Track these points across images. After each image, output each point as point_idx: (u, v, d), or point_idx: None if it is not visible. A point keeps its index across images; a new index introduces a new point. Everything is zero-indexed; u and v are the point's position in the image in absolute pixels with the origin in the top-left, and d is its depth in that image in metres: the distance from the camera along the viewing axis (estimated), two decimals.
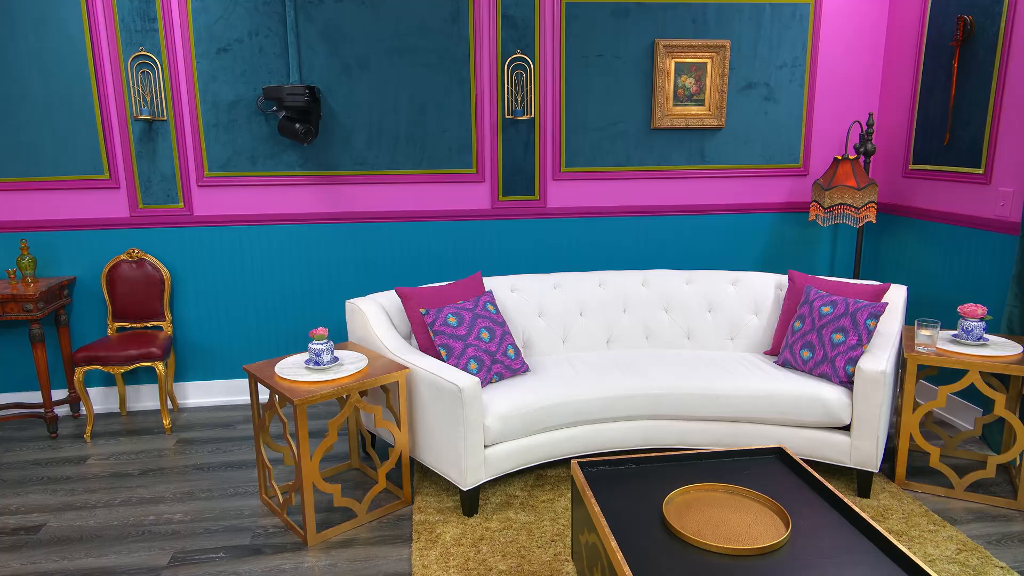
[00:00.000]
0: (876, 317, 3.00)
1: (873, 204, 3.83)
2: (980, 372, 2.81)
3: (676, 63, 3.98)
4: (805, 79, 4.11)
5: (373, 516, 2.83)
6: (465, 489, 2.75)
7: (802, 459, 2.87)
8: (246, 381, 4.08)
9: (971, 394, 3.55)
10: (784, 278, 3.62)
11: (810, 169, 4.25)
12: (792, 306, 3.37)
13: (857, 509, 1.96)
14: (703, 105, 4.06)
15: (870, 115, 4.00)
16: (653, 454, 2.36)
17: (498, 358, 3.09)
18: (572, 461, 2.31)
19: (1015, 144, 3.28)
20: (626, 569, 1.70)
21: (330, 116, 3.84)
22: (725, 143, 4.15)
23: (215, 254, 3.93)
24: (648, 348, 3.61)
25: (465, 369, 2.97)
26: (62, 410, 3.95)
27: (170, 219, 3.85)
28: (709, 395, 3.01)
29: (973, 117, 3.49)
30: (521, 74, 3.91)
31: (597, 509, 1.97)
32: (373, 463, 3.09)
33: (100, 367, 3.55)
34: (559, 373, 3.16)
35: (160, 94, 3.69)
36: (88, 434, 3.61)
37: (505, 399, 2.86)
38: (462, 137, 3.96)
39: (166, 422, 3.68)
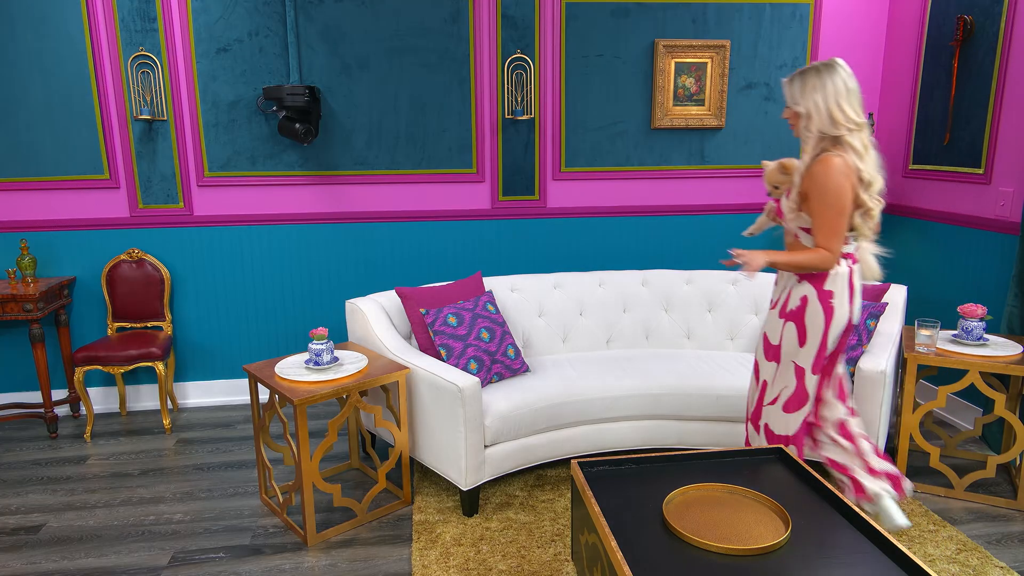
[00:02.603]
0: (876, 317, 3.00)
1: None
2: (980, 372, 2.81)
3: (676, 63, 3.98)
4: None
5: (373, 516, 2.83)
6: (465, 489, 2.75)
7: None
8: (246, 381, 4.08)
9: (971, 394, 3.55)
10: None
11: None
12: None
13: (857, 509, 1.96)
14: (703, 105, 4.06)
15: (870, 115, 3.99)
16: (653, 454, 2.36)
17: (498, 358, 3.09)
18: (572, 461, 2.31)
19: (1015, 144, 3.28)
20: (626, 569, 1.70)
21: (330, 116, 3.84)
22: (725, 143, 4.14)
23: (215, 254, 3.93)
24: (648, 348, 3.61)
25: (465, 369, 2.97)
26: (62, 410, 3.95)
27: (170, 219, 3.85)
28: (709, 395, 3.01)
29: (973, 117, 3.49)
30: (521, 74, 3.91)
31: (597, 509, 1.97)
32: (373, 463, 3.09)
33: (100, 367, 3.55)
34: (559, 373, 3.16)
35: (160, 94, 3.69)
36: (88, 434, 3.61)
37: (505, 399, 2.86)
38: (462, 137, 3.96)
39: (166, 422, 3.68)
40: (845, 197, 2.19)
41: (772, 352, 2.41)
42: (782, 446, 2.37)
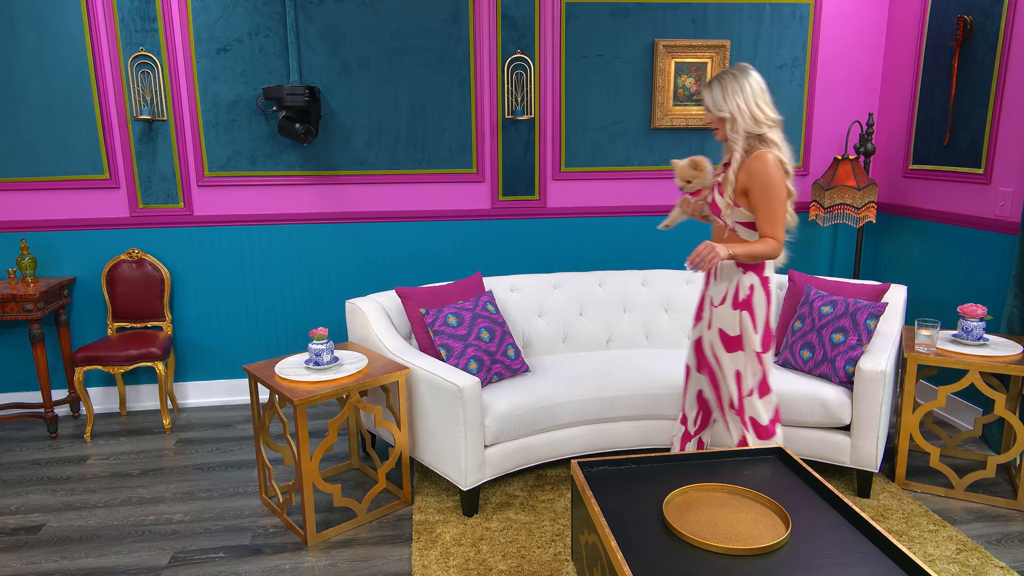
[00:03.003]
0: (876, 317, 3.00)
1: (873, 204, 3.83)
2: (980, 372, 2.81)
3: (676, 63, 3.98)
4: (805, 79, 4.11)
5: (373, 516, 2.83)
6: (465, 489, 2.75)
7: (802, 459, 2.87)
8: (246, 381, 4.08)
9: (971, 394, 3.55)
10: (784, 278, 3.61)
11: (810, 169, 4.25)
12: (792, 306, 3.37)
13: (857, 509, 1.96)
14: (703, 105, 4.05)
15: (870, 115, 4.00)
16: (653, 454, 2.36)
17: (498, 358, 3.09)
18: (572, 461, 2.30)
19: (1015, 144, 3.28)
20: (626, 569, 1.70)
21: (330, 116, 3.84)
22: None
23: (215, 254, 3.93)
24: (648, 348, 3.61)
25: (465, 369, 2.97)
26: (62, 410, 3.95)
27: (170, 219, 3.85)
28: None
29: (973, 117, 3.49)
30: (521, 74, 3.91)
31: (597, 509, 1.97)
32: (373, 463, 3.09)
33: (100, 367, 3.55)
34: (559, 373, 3.16)
35: (160, 94, 3.69)
36: (88, 434, 3.61)
37: (505, 399, 2.86)
38: (462, 137, 3.96)
39: (166, 422, 3.68)
40: (783, 188, 2.40)
41: (734, 343, 2.49)
42: (783, 447, 2.38)
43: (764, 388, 2.53)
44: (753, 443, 2.53)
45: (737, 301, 2.46)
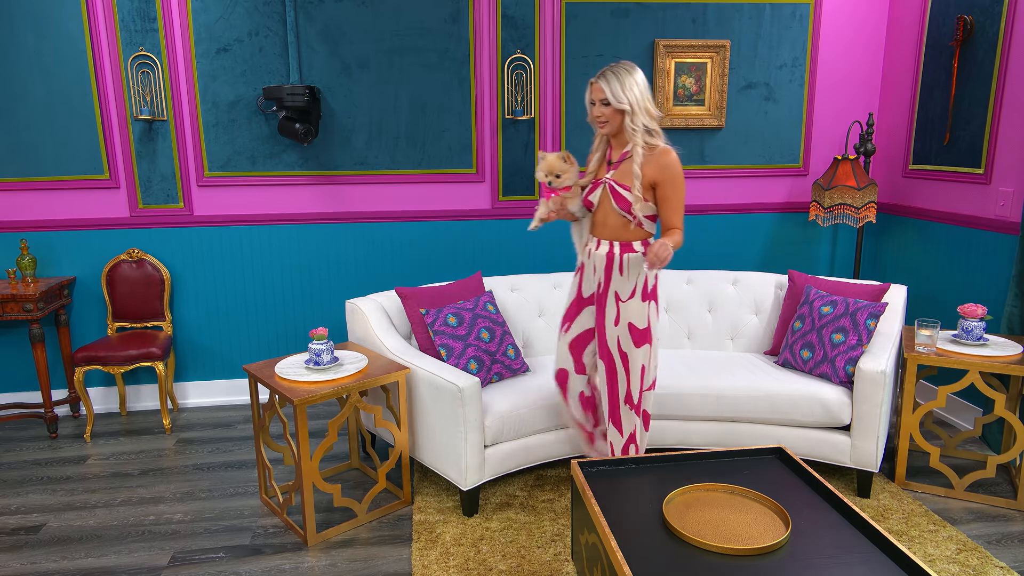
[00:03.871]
0: (876, 317, 3.00)
1: (873, 204, 3.83)
2: (980, 372, 2.81)
3: (676, 63, 3.98)
4: (805, 79, 4.11)
5: (373, 516, 2.83)
6: (465, 489, 2.75)
7: (802, 459, 2.87)
8: (246, 381, 4.08)
9: (971, 394, 3.55)
10: (784, 278, 3.62)
11: (810, 169, 4.25)
12: (792, 306, 3.37)
13: (857, 509, 1.96)
14: (703, 105, 4.06)
15: (870, 115, 4.00)
16: (653, 454, 2.36)
17: (498, 358, 3.09)
18: (572, 461, 2.31)
19: (1015, 144, 3.28)
20: (626, 569, 1.70)
21: (330, 116, 3.84)
22: (725, 143, 4.14)
23: (215, 254, 3.93)
24: None
25: (465, 369, 2.97)
26: (62, 410, 3.95)
27: (170, 219, 3.85)
28: (709, 395, 3.01)
29: (973, 117, 3.49)
30: (521, 74, 3.91)
31: (597, 509, 1.97)
32: (373, 463, 3.09)
33: (100, 367, 3.55)
34: None
35: (160, 94, 3.69)
36: (88, 434, 3.61)
37: (505, 399, 2.86)
38: (462, 137, 3.96)
39: (166, 422, 3.68)
40: (684, 181, 2.48)
41: (643, 336, 2.54)
42: (783, 447, 2.38)
43: (654, 382, 2.65)
44: (640, 436, 2.62)
45: (646, 292, 2.52)
